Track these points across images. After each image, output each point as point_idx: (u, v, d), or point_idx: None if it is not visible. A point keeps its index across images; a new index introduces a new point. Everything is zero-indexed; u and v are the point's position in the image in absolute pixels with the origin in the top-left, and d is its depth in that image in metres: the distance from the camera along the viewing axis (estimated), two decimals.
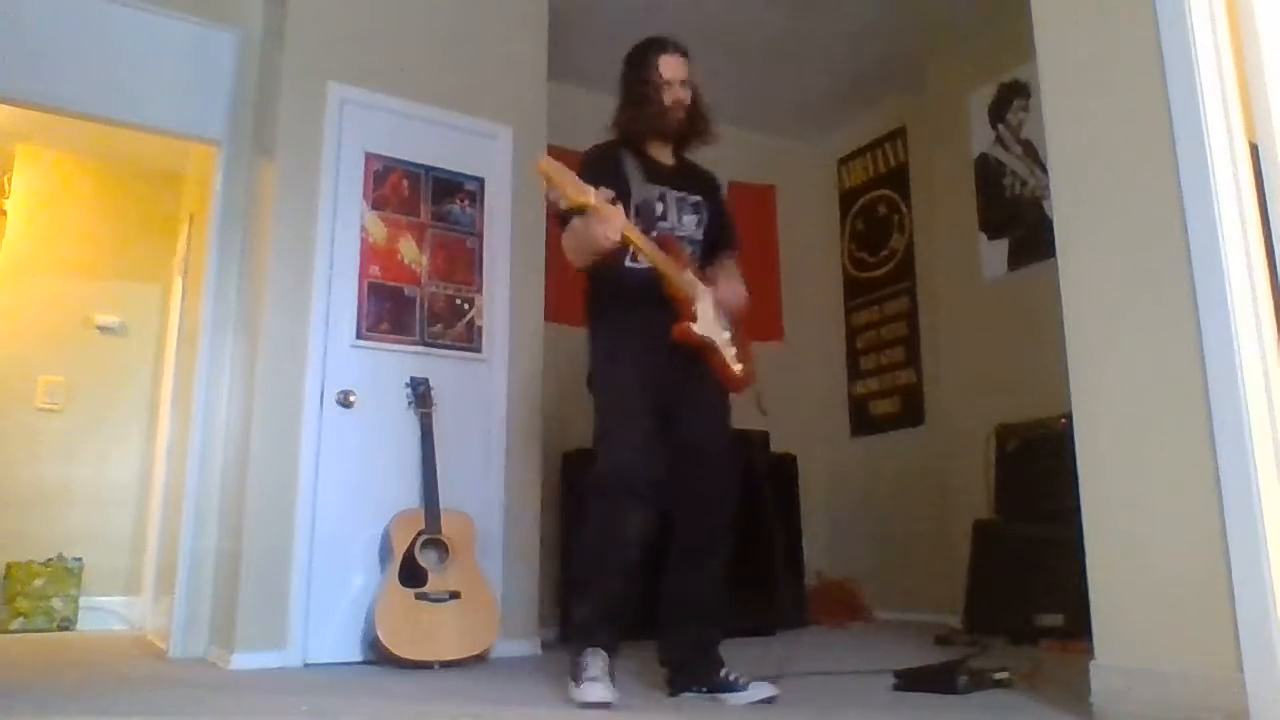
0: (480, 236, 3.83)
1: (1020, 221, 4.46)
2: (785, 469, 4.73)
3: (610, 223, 2.26)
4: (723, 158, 5.97)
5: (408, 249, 3.66)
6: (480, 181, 3.86)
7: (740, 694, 2.35)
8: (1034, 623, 3.45)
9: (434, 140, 3.78)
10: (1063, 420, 2.76)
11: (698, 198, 2.63)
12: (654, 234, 2.47)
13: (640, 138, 2.61)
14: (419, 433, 3.45)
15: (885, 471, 5.11)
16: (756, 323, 5.73)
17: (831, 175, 5.76)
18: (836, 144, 5.71)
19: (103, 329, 5.24)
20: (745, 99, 5.36)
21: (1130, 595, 2.03)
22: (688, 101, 2.60)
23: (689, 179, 2.66)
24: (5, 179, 5.29)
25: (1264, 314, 1.87)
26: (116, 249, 5.37)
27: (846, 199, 5.65)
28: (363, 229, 3.59)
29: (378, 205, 3.63)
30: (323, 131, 3.54)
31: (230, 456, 3.57)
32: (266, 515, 3.24)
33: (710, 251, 2.66)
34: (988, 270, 4.62)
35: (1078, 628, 2.65)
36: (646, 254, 2.41)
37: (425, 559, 3.23)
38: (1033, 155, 4.41)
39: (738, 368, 2.53)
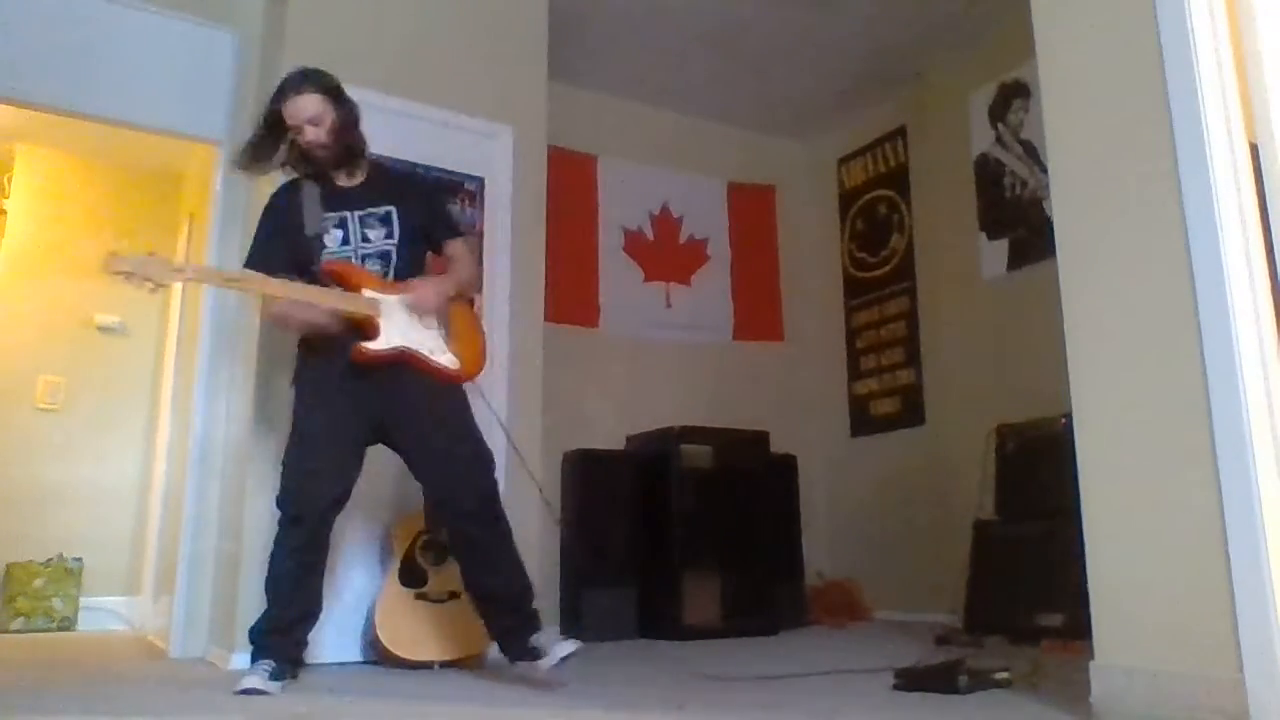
0: (480, 236, 3.82)
1: (1020, 221, 4.46)
2: (785, 469, 4.73)
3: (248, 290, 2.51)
4: (723, 158, 6.00)
5: None
6: (480, 181, 3.86)
7: (542, 660, 2.52)
8: (1034, 623, 3.45)
9: (434, 140, 3.77)
10: (1063, 420, 2.76)
11: (387, 208, 2.71)
12: (319, 265, 2.59)
13: (307, 173, 2.70)
14: None
15: (885, 471, 5.10)
16: (757, 323, 5.80)
17: (831, 175, 5.75)
18: (836, 144, 5.71)
19: (103, 329, 5.24)
20: (745, 99, 5.36)
21: (1130, 595, 2.03)
22: (324, 139, 2.63)
23: (376, 191, 2.73)
24: (5, 179, 5.29)
25: (1264, 314, 1.87)
26: (117, 249, 5.35)
27: (846, 199, 5.64)
28: None
29: None
30: None
31: (230, 456, 3.56)
32: (266, 515, 3.23)
33: (425, 246, 2.78)
34: (988, 270, 4.62)
35: (1078, 628, 2.65)
36: (297, 297, 2.53)
37: (425, 559, 3.23)
38: (1033, 155, 4.41)
39: (444, 359, 2.62)
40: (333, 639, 3.25)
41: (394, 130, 3.69)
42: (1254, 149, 1.95)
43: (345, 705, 2.38)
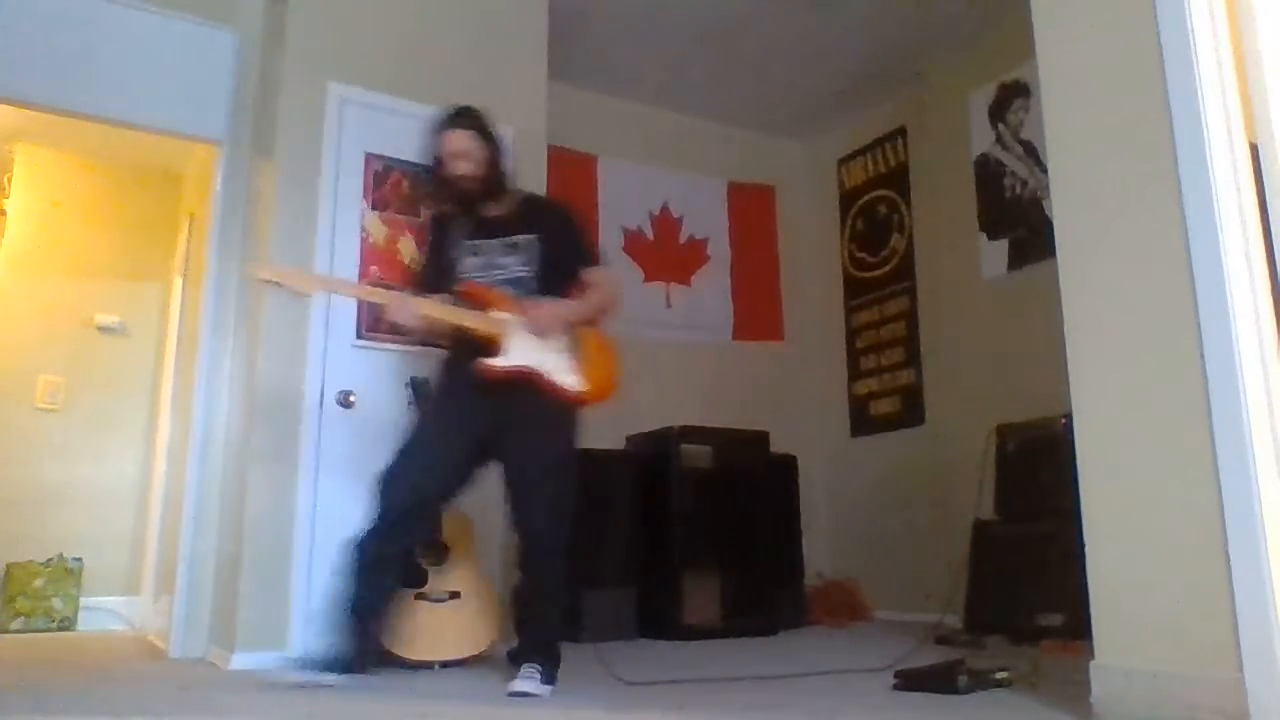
0: None
1: (1020, 221, 4.46)
2: (785, 469, 4.73)
3: (400, 311, 2.67)
4: (723, 158, 6.00)
5: (408, 249, 3.66)
6: None
7: (510, 682, 2.55)
8: (1034, 623, 3.45)
9: None
10: (1063, 420, 2.76)
11: (527, 236, 2.82)
12: (456, 288, 2.76)
13: (458, 204, 2.85)
14: None
15: (885, 471, 5.10)
16: (757, 323, 5.80)
17: (831, 175, 5.75)
18: (836, 144, 5.71)
19: (103, 329, 5.24)
20: (745, 99, 5.36)
21: (1130, 595, 2.03)
22: (473, 172, 2.78)
23: (520, 221, 2.85)
24: (5, 179, 5.29)
25: (1264, 314, 1.87)
26: (116, 249, 5.37)
27: (846, 199, 5.64)
28: (363, 229, 3.59)
29: (378, 205, 3.63)
30: (323, 131, 3.54)
31: (230, 456, 3.57)
32: (266, 515, 3.24)
33: (564, 276, 2.82)
34: (988, 270, 4.62)
35: (1078, 628, 2.65)
36: (429, 314, 2.70)
37: (425, 559, 3.23)
38: (1033, 155, 4.41)
39: (568, 380, 2.70)
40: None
41: (394, 130, 3.70)
42: (1254, 149, 1.95)
43: (345, 705, 2.37)
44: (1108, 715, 2.00)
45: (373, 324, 3.54)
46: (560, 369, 2.69)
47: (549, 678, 2.57)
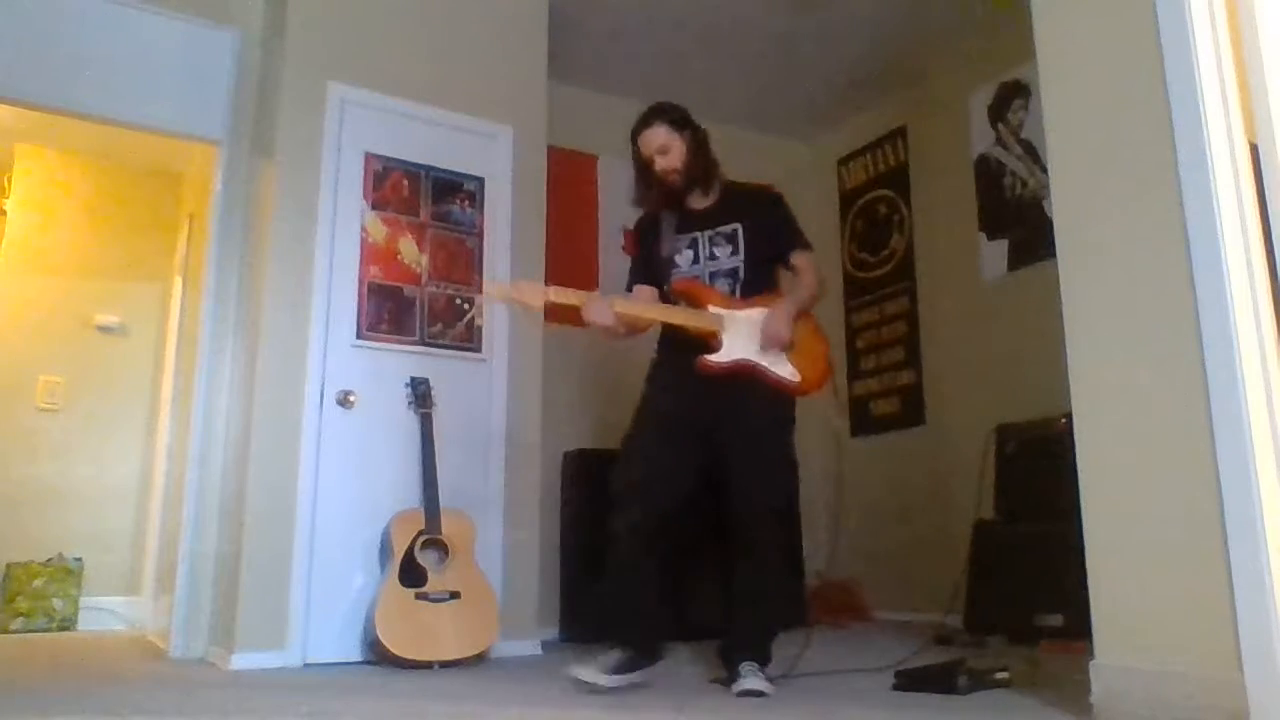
0: (480, 236, 3.83)
1: (1020, 221, 4.46)
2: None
3: (598, 317, 2.61)
4: (723, 158, 5.96)
5: (408, 249, 3.66)
6: (480, 181, 3.86)
7: (734, 682, 2.53)
8: (1034, 623, 3.45)
9: (434, 140, 3.78)
10: (1063, 420, 2.75)
11: (733, 225, 2.81)
12: (670, 284, 2.78)
13: (665, 199, 2.85)
14: (419, 433, 3.45)
15: (885, 471, 5.10)
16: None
17: (831, 175, 5.75)
18: (836, 144, 5.71)
19: (103, 329, 5.25)
20: (745, 99, 5.35)
21: (1130, 595, 2.03)
22: (675, 165, 2.79)
23: (726, 210, 2.84)
24: (5, 179, 5.29)
25: (1264, 314, 1.87)
26: (116, 249, 5.37)
27: (846, 199, 5.64)
28: (363, 229, 3.59)
29: (378, 205, 3.63)
30: (323, 131, 3.54)
31: (230, 456, 3.57)
32: (266, 515, 3.24)
33: (773, 261, 2.88)
34: (988, 270, 4.62)
35: (1078, 628, 2.64)
36: (644, 315, 2.74)
37: (425, 559, 3.23)
38: (1033, 155, 4.41)
39: (784, 371, 2.69)
40: (333, 639, 3.26)
41: (394, 130, 3.70)
42: (1254, 149, 1.95)
43: (345, 705, 2.38)
44: (1108, 715, 2.00)
45: (373, 323, 3.54)
46: (776, 361, 2.69)
47: (769, 673, 2.55)
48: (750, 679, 2.48)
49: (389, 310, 3.58)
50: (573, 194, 4.79)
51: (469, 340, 3.72)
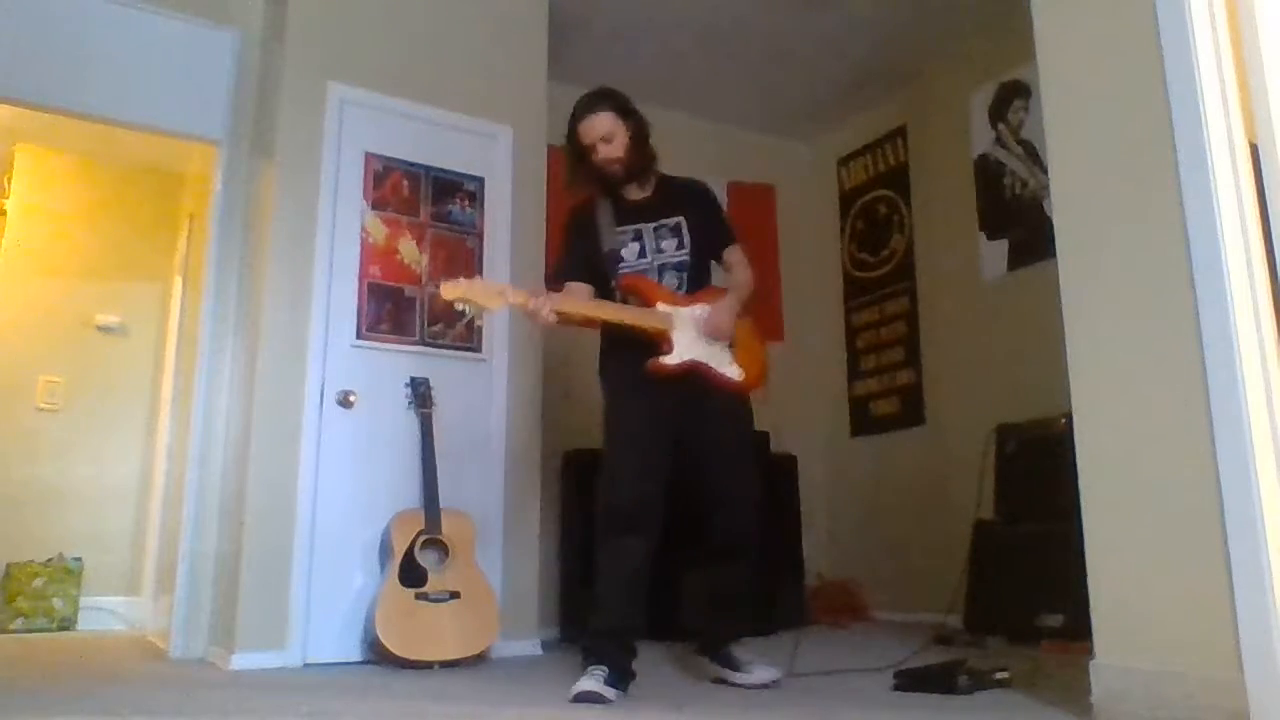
0: (480, 236, 3.83)
1: (1020, 221, 4.46)
2: (785, 469, 4.73)
3: (537, 314, 2.48)
4: (723, 158, 5.99)
5: (408, 249, 3.67)
6: (480, 181, 3.86)
7: (740, 674, 2.61)
8: (1034, 623, 3.45)
9: (434, 140, 3.78)
10: (1063, 420, 2.76)
11: (676, 218, 2.77)
12: (618, 279, 2.67)
13: (602, 188, 2.76)
14: (419, 433, 3.45)
15: (885, 471, 5.10)
16: (757, 323, 5.76)
17: (831, 175, 5.75)
18: (836, 144, 5.71)
19: (103, 329, 5.25)
20: (745, 99, 5.36)
21: (1130, 595, 2.03)
22: (618, 154, 2.71)
23: (666, 203, 2.80)
24: (5, 179, 5.29)
25: (1264, 314, 1.87)
26: (116, 249, 5.37)
27: (846, 199, 5.64)
28: (363, 229, 3.59)
29: (378, 205, 3.63)
30: (323, 131, 3.54)
31: (230, 456, 3.57)
32: (266, 515, 3.24)
33: (710, 252, 2.85)
34: (988, 270, 4.62)
35: (1078, 628, 2.65)
36: (592, 315, 2.64)
37: (425, 559, 3.23)
38: (1033, 155, 4.41)
39: (732, 371, 2.70)
40: (333, 639, 3.26)
41: (394, 131, 3.70)
42: (1254, 149, 1.95)
43: (345, 705, 2.38)
44: (1108, 715, 2.00)
45: (373, 323, 3.54)
46: (722, 360, 2.69)
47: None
48: (761, 669, 2.60)
49: (389, 310, 3.58)
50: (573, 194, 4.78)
51: (469, 340, 3.72)
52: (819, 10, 4.50)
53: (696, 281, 2.76)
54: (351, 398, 3.43)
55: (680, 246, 2.75)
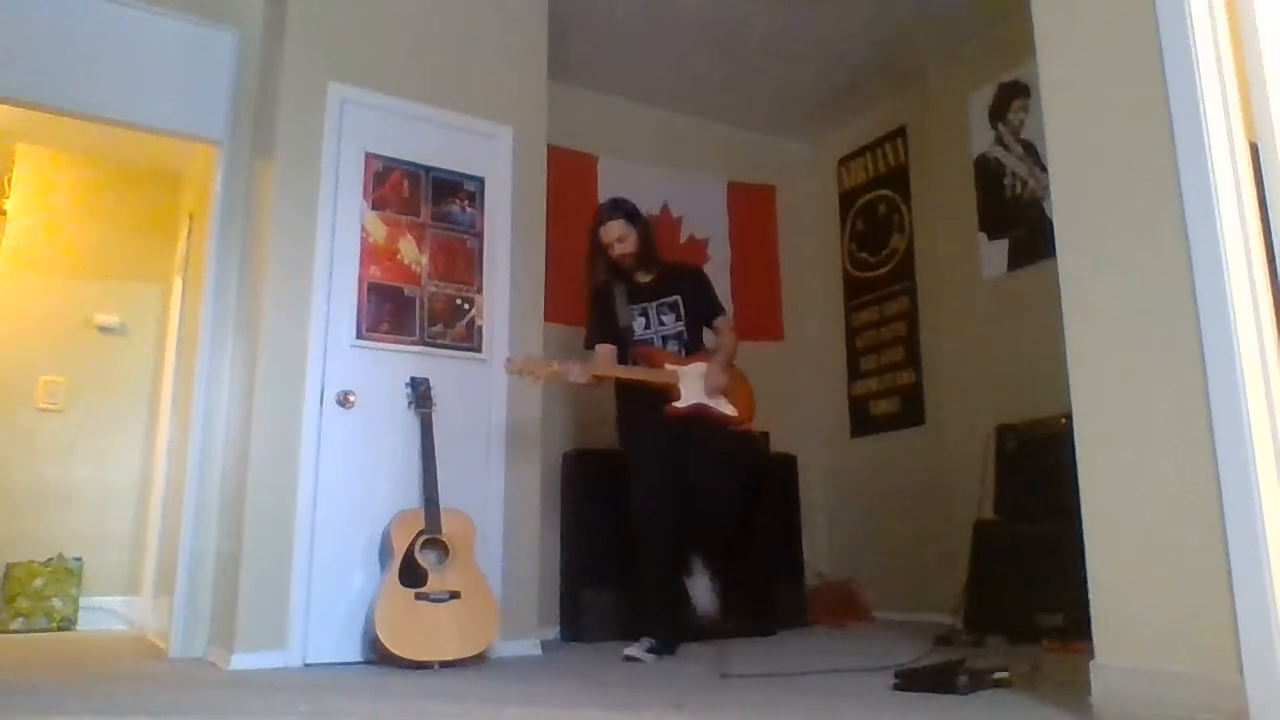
0: (480, 236, 3.83)
1: (1020, 221, 4.46)
2: (785, 469, 4.73)
3: (578, 378, 3.35)
4: (723, 158, 6.00)
5: (408, 249, 3.67)
6: (480, 181, 3.86)
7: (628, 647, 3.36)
8: (1034, 622, 3.45)
9: (434, 140, 3.78)
10: (1063, 420, 2.75)
11: (674, 297, 3.63)
12: (633, 349, 3.53)
13: (617, 275, 3.62)
14: (419, 433, 3.45)
15: (885, 471, 5.10)
16: (757, 323, 5.79)
17: (831, 175, 5.76)
18: (836, 144, 5.71)
19: (103, 329, 5.25)
20: (745, 99, 5.36)
21: (1130, 595, 2.03)
22: (630, 250, 3.58)
23: (667, 284, 3.65)
24: (5, 179, 5.29)
25: (1264, 314, 1.87)
26: (116, 249, 5.37)
27: (846, 199, 5.64)
28: (363, 229, 3.59)
29: (378, 205, 3.63)
30: (323, 131, 3.54)
31: (230, 456, 3.57)
32: (266, 515, 3.24)
33: (703, 320, 3.69)
34: (988, 270, 4.62)
35: (1078, 628, 2.64)
36: (621, 377, 3.50)
37: (425, 559, 3.23)
38: (1033, 155, 4.41)
39: (730, 410, 3.56)
40: (333, 639, 3.26)
41: (394, 131, 3.70)
42: (1254, 149, 1.95)
43: (345, 705, 2.38)
44: (1108, 715, 2.00)
45: (373, 323, 3.54)
46: (720, 402, 3.53)
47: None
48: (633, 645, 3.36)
49: (389, 310, 3.58)
50: (573, 194, 4.79)
51: (469, 340, 3.72)
52: (819, 10, 4.50)
53: (692, 347, 3.60)
54: (351, 398, 3.43)
55: (678, 319, 3.60)
